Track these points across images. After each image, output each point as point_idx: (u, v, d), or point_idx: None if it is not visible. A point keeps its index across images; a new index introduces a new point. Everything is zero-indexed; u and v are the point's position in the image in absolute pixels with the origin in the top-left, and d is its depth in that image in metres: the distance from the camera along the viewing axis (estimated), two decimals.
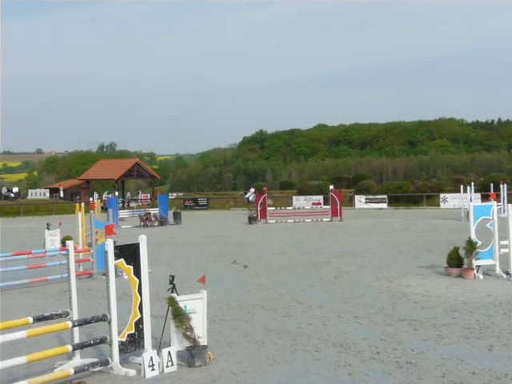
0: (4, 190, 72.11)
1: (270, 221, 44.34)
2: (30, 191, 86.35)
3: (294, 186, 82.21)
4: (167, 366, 9.86)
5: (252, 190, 62.21)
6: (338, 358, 10.27)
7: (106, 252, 9.89)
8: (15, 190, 73.71)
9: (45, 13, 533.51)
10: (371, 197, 64.24)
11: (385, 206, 61.96)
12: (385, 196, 63.50)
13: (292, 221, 44.64)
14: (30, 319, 9.34)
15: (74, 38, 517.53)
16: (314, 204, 57.07)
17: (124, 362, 9.96)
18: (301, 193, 68.39)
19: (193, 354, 10.03)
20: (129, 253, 10.07)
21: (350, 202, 63.92)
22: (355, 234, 34.41)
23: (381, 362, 9.93)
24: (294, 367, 9.83)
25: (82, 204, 25.81)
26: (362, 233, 34.77)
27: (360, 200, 64.05)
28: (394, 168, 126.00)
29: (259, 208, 44.72)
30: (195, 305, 10.45)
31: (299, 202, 61.09)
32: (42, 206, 62.56)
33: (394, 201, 63.50)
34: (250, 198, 58.88)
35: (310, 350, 10.79)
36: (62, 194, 76.78)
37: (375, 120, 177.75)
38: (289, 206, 55.74)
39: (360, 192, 67.57)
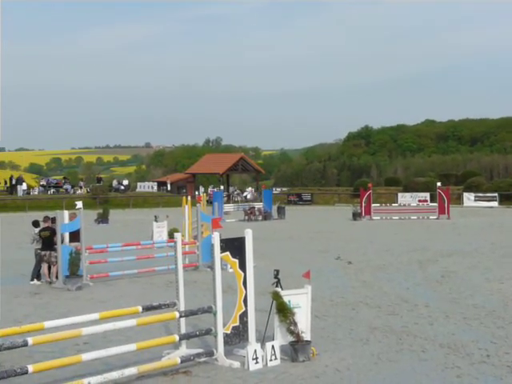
0: (115, 183, 74.74)
1: (374, 217, 43.77)
2: (138, 184, 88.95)
3: (399, 182, 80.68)
4: (271, 360, 9.91)
5: (249, 188, 61.96)
6: (445, 359, 9.99)
7: (212, 245, 10.04)
8: (125, 182, 76.26)
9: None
10: (481, 195, 62.09)
11: (495, 204, 59.70)
12: (495, 194, 61.17)
13: (397, 218, 43.85)
14: (140, 308, 9.63)
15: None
16: (420, 201, 55.77)
17: (228, 353, 10.08)
18: (406, 189, 67.06)
19: (296, 349, 10.03)
20: (235, 246, 10.18)
21: (458, 200, 62.05)
22: (463, 232, 33.39)
23: (491, 366, 9.58)
24: (400, 367, 9.64)
25: (189, 197, 26.35)
26: (470, 232, 33.69)
27: (469, 198, 62.06)
28: (505, 165, 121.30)
29: (364, 204, 44.23)
30: (299, 300, 10.44)
31: (405, 198, 59.86)
32: (150, 199, 64.40)
33: (505, 199, 61.09)
34: (248, 196, 58.15)
35: (416, 350, 10.56)
36: (169, 187, 78.70)
37: (487, 115, 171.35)
38: (394, 203, 54.76)
39: (469, 189, 65.47)
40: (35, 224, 18.70)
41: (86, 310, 13.06)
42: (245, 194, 61.53)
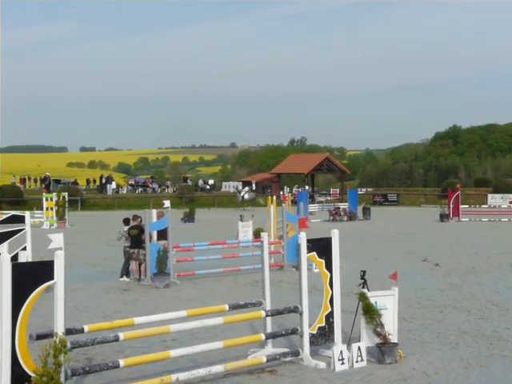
0: (200, 183, 75.84)
1: (462, 219, 42.64)
2: (223, 184, 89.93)
3: (489, 183, 78.33)
4: (357, 361, 9.82)
5: (246, 188, 57.95)
6: None
7: (298, 245, 10.04)
8: (211, 182, 77.28)
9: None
10: None
11: None
12: None
13: (487, 220, 42.58)
14: (226, 307, 9.73)
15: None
16: (511, 203, 54.05)
17: (314, 353, 10.04)
18: (497, 191, 64.98)
19: (383, 351, 9.90)
20: (321, 246, 10.14)
21: None
22: None
23: None
24: (491, 372, 9.37)
25: (274, 197, 26.42)
26: None
27: None
28: None
29: (451, 205, 43.18)
30: (386, 301, 10.30)
31: (495, 200, 58.10)
32: (235, 199, 64.94)
33: None
34: (246, 197, 55.22)
35: (508, 356, 10.23)
36: (253, 187, 79.27)
37: None
38: (483, 205, 53.22)
39: None
40: (126, 222, 19.19)
41: (173, 308, 13.30)
42: (242, 193, 56.04)
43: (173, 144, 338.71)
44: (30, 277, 7.36)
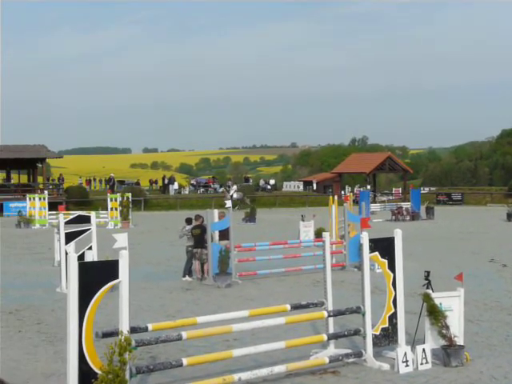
0: (261, 182, 76.02)
1: None
2: (284, 183, 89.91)
3: None
4: (421, 364, 9.65)
5: (234, 187, 55.76)
6: None
7: (361, 245, 9.94)
8: (272, 182, 77.29)
9: None
10: None
11: None
12: None
13: None
14: (288, 307, 9.70)
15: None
16: None
17: (377, 355, 9.92)
18: None
19: (448, 353, 9.71)
20: (384, 246, 10.01)
21: None
22: None
23: None
24: None
25: (335, 197, 26.25)
26: None
27: None
28: None
29: None
30: (451, 302, 10.10)
31: None
32: (296, 198, 64.78)
33: None
34: (235, 196, 52.78)
35: None
36: (314, 187, 78.99)
37: None
38: None
39: None
40: (188, 221, 19.36)
41: (234, 307, 13.36)
42: (231, 192, 53.10)
43: (234, 144, 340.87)
44: (96, 276, 7.50)
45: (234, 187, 54.50)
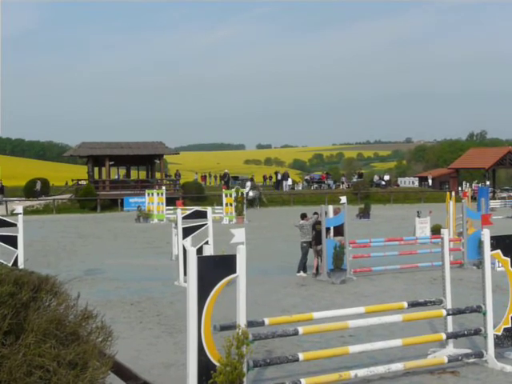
0: (376, 178, 74.99)
1: None
2: (399, 179, 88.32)
3: None
4: None
5: (248, 183, 50.56)
6: None
7: (481, 242, 9.61)
8: (386, 178, 76.09)
9: None
10: None
11: None
12: None
13: None
14: (405, 304, 9.53)
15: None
16: None
17: (499, 356, 9.57)
18: None
19: None
20: (506, 244, 9.64)
21: None
22: None
23: None
24: None
25: (452, 193, 25.53)
26: None
27: None
28: None
29: None
30: None
31: None
32: (411, 194, 63.47)
33: None
34: (251, 194, 47.35)
35: None
36: (430, 183, 77.06)
37: None
38: None
39: None
40: (303, 216, 19.40)
41: (349, 304, 13.28)
42: (246, 190, 47.54)
43: (347, 140, 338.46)
44: (214, 270, 7.64)
45: (248, 184, 51.31)
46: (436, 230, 24.85)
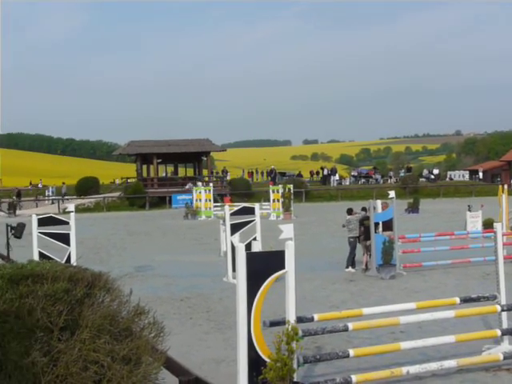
0: (425, 172, 74.13)
1: None
2: (448, 173, 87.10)
3: None
4: None
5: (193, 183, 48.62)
6: None
7: None
8: (435, 171, 75.10)
9: None
10: None
11: None
12: None
13: None
14: (457, 300, 9.38)
15: None
16: None
17: None
18: None
19: None
20: None
21: None
22: None
23: None
24: None
25: (505, 186, 25.04)
26: None
27: None
28: None
29: None
30: None
31: None
32: (461, 188, 62.47)
33: None
34: None
35: None
36: (481, 176, 75.80)
37: None
38: None
39: None
40: (349, 211, 19.29)
41: (399, 299, 13.15)
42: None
43: (395, 134, 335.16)
44: (263, 265, 7.63)
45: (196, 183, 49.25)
46: (488, 224, 24.39)
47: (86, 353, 4.36)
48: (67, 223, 15.21)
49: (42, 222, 15.06)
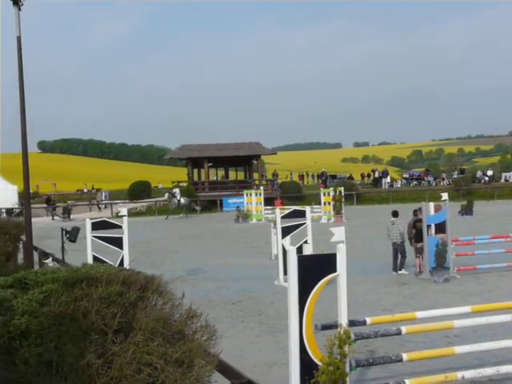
0: (479, 174, 72.84)
1: None
2: (503, 174, 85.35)
3: None
4: None
5: (177, 190, 47.42)
6: None
7: None
8: (489, 173, 73.72)
9: None
10: None
11: None
12: None
13: None
14: None
15: None
16: None
17: None
18: None
19: None
20: None
21: None
22: None
23: None
24: None
25: None
26: None
27: None
28: None
29: None
30: None
31: None
32: None
33: None
34: (182, 201, 45.37)
35: None
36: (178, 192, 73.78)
37: None
38: None
39: None
40: (394, 214, 19.12)
41: (453, 303, 12.92)
42: (178, 197, 46.37)
43: (447, 135, 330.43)
44: (314, 269, 7.61)
45: (177, 190, 48.08)
46: None
47: (140, 355, 4.41)
48: (120, 227, 15.43)
49: (96, 226, 15.31)
